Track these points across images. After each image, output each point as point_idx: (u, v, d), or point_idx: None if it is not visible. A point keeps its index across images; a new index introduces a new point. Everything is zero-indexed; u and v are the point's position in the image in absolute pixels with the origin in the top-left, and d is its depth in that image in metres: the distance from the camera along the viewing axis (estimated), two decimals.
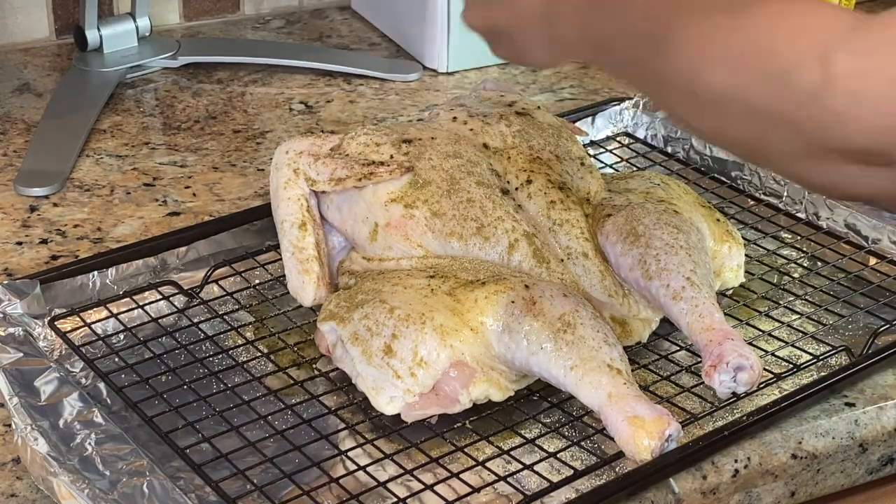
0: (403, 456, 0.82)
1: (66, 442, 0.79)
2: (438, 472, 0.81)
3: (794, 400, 0.87)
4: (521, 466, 0.81)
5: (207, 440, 0.81)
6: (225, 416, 0.83)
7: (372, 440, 0.83)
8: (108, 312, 0.94)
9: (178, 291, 0.96)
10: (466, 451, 0.82)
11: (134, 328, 0.93)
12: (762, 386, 0.88)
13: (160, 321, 0.94)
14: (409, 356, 0.82)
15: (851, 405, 0.89)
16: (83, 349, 0.89)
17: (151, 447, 0.81)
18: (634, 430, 0.78)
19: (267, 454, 0.81)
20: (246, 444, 0.81)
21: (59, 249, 1.04)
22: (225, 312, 0.95)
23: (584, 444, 0.84)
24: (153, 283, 0.96)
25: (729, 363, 0.82)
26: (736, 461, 0.84)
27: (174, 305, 0.96)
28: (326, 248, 0.95)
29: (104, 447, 0.79)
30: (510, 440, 0.84)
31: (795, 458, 0.86)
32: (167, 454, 0.81)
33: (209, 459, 0.80)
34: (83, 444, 0.79)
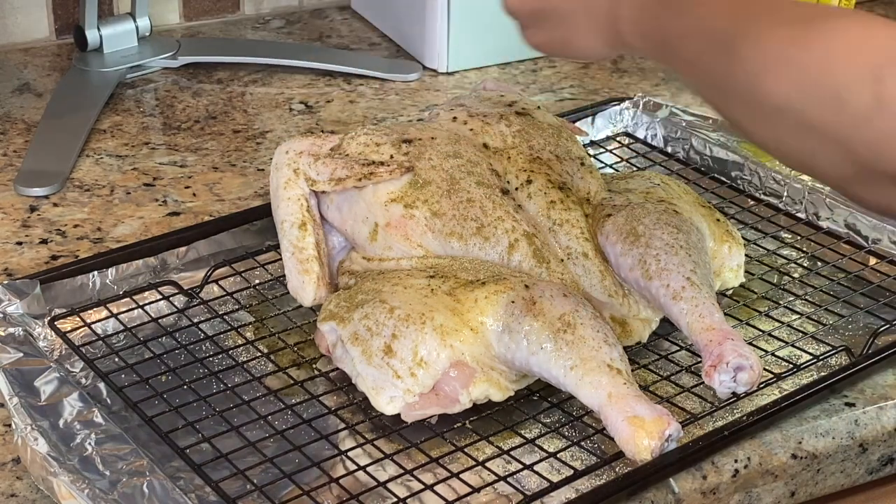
0: (403, 456, 0.82)
1: (66, 442, 0.79)
2: (438, 472, 0.81)
3: (794, 400, 0.87)
4: (521, 466, 0.81)
5: (207, 440, 0.81)
6: (225, 416, 0.83)
7: (372, 440, 0.83)
8: (108, 312, 0.94)
9: (178, 291, 0.96)
10: (466, 451, 0.82)
11: (134, 328, 0.93)
12: (762, 386, 0.88)
13: (160, 321, 0.94)
14: (409, 356, 0.82)
15: (851, 405, 0.89)
16: (83, 349, 0.89)
17: (151, 447, 0.81)
18: (634, 430, 0.78)
19: (267, 454, 0.81)
20: (246, 444, 0.81)
21: (59, 249, 1.04)
22: (225, 312, 0.95)
23: (584, 444, 0.83)
24: (153, 283, 0.96)
25: (729, 363, 0.82)
26: (736, 461, 0.84)
27: (174, 305, 0.96)
28: (326, 248, 0.95)
29: (104, 447, 0.79)
30: (510, 440, 0.84)
31: (795, 458, 0.86)
32: (167, 454, 0.81)
33: (209, 459, 0.80)
34: (83, 444, 0.79)
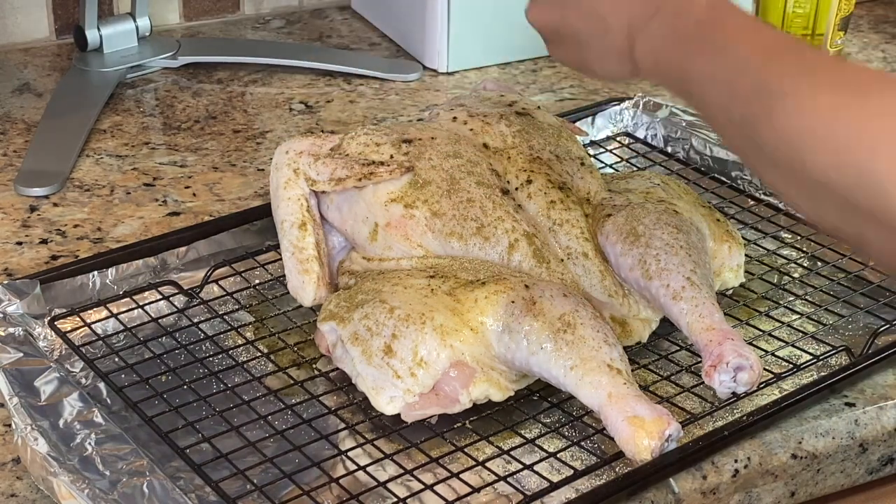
0: (403, 456, 0.82)
1: (66, 442, 0.79)
2: (438, 472, 0.81)
3: (794, 400, 0.87)
4: (521, 466, 0.81)
5: (207, 440, 0.81)
6: (225, 416, 0.83)
7: (372, 440, 0.83)
8: (108, 312, 0.94)
9: (178, 291, 0.96)
10: (466, 451, 0.82)
11: (134, 328, 0.93)
12: (762, 386, 0.88)
13: (160, 321, 0.94)
14: (409, 356, 0.82)
15: (851, 405, 0.89)
16: (83, 349, 0.89)
17: (151, 447, 0.81)
18: (634, 430, 0.78)
19: (267, 454, 0.81)
20: (246, 444, 0.81)
21: (59, 249, 1.04)
22: (225, 312, 0.95)
23: (584, 444, 0.83)
24: (153, 283, 0.96)
25: (729, 363, 0.82)
26: (736, 461, 0.84)
27: (174, 305, 0.96)
28: (326, 248, 0.95)
29: (104, 447, 0.79)
30: (510, 440, 0.84)
31: (795, 458, 0.86)
32: (167, 454, 0.80)
33: (209, 459, 0.80)
34: (83, 444, 0.79)
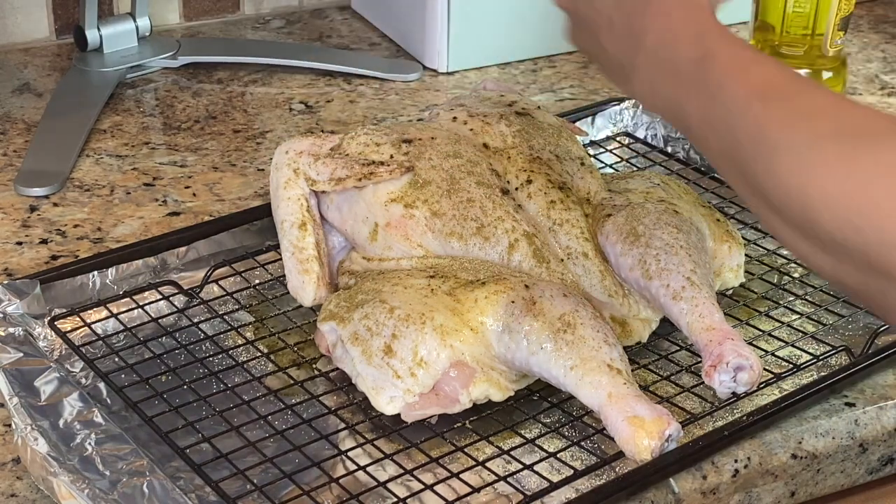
0: (403, 456, 0.82)
1: (66, 442, 0.79)
2: (438, 472, 0.81)
3: (794, 400, 0.87)
4: (521, 466, 0.81)
5: (207, 440, 0.81)
6: (225, 416, 0.83)
7: (372, 440, 0.83)
8: (108, 312, 0.93)
9: (178, 291, 0.96)
10: (466, 451, 0.82)
11: (134, 328, 0.93)
12: (762, 386, 0.88)
13: (160, 321, 0.94)
14: (409, 356, 0.82)
15: (851, 405, 0.89)
16: (83, 349, 0.89)
17: (151, 447, 0.81)
18: (634, 430, 0.78)
19: (267, 454, 0.81)
20: (246, 444, 0.81)
21: (59, 249, 1.04)
22: (225, 312, 0.95)
23: (584, 444, 0.83)
24: (153, 283, 0.96)
25: (729, 363, 0.82)
26: (736, 461, 0.84)
27: (174, 305, 0.96)
28: (326, 248, 0.95)
29: (104, 447, 0.79)
30: (510, 440, 0.84)
31: (795, 458, 0.86)
32: (167, 454, 0.80)
33: (209, 459, 0.80)
34: (83, 444, 0.79)
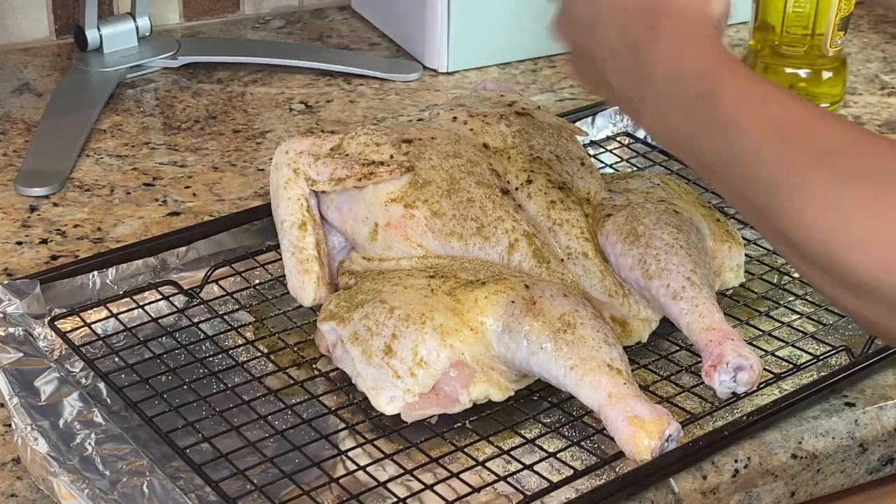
0: (403, 456, 0.82)
1: (66, 442, 0.79)
2: (438, 472, 0.81)
3: (794, 400, 0.87)
4: (521, 466, 0.81)
5: (207, 440, 0.81)
6: (225, 416, 0.83)
7: (372, 440, 0.83)
8: (108, 312, 0.93)
9: (178, 291, 0.96)
10: (466, 451, 0.82)
11: (134, 328, 0.93)
12: (762, 386, 0.88)
13: (160, 321, 0.94)
14: (409, 356, 0.82)
15: (851, 405, 0.89)
16: (83, 349, 0.89)
17: (151, 447, 0.81)
18: (634, 430, 0.78)
19: (267, 454, 0.81)
20: (246, 444, 0.81)
21: (59, 249, 1.04)
22: (225, 312, 0.95)
23: (584, 444, 0.83)
24: (153, 283, 0.96)
25: (729, 363, 0.82)
26: (736, 461, 0.84)
27: (174, 305, 0.96)
28: (326, 248, 0.95)
29: (104, 447, 0.79)
30: (510, 440, 0.84)
31: (795, 458, 0.86)
32: (167, 454, 0.80)
33: (209, 459, 0.80)
34: (83, 444, 0.79)
